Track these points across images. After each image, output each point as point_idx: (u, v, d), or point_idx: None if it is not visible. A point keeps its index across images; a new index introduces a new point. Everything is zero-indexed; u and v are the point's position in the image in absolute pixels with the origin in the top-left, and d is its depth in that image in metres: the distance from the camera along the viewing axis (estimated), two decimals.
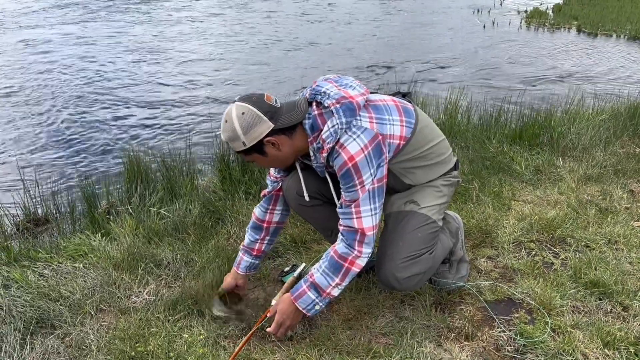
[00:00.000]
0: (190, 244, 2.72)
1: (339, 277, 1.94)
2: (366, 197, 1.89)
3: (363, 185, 1.87)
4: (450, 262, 2.35)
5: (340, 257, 1.93)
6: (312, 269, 2.00)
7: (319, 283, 1.95)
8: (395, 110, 1.99)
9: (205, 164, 4.04)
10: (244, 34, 9.47)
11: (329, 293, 1.96)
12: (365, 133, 1.86)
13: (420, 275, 2.07)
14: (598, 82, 6.90)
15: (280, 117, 1.86)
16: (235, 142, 1.88)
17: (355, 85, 1.96)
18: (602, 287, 2.32)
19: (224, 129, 1.88)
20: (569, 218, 2.89)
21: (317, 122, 1.90)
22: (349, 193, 1.90)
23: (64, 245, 2.80)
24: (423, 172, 2.10)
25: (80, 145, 4.97)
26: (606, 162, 3.54)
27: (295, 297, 1.98)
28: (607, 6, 11.43)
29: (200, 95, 6.41)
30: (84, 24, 10.44)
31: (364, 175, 1.86)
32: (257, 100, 1.86)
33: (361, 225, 1.90)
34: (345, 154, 1.85)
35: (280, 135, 1.89)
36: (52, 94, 6.44)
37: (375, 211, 1.92)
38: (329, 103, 1.87)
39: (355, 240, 1.92)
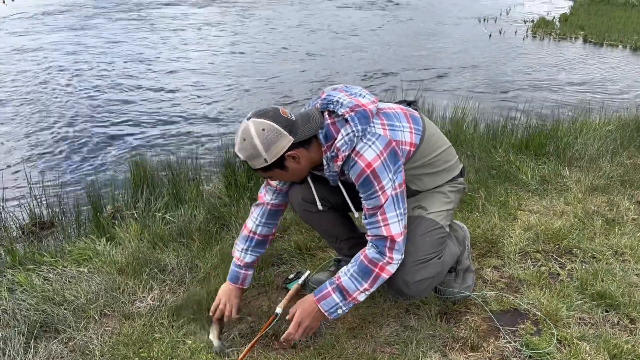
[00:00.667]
0: (194, 249, 2.72)
1: (368, 283, 1.93)
2: (390, 203, 1.88)
3: (384, 190, 1.87)
4: (457, 271, 2.34)
5: (370, 262, 1.92)
6: (340, 272, 1.98)
7: (346, 287, 1.93)
8: (403, 118, 2.00)
9: (211, 170, 4.04)
10: (247, 43, 9.51)
11: (355, 298, 1.94)
12: (379, 139, 1.86)
13: (429, 279, 2.06)
14: (605, 93, 6.89)
15: (298, 130, 1.84)
16: (256, 160, 1.83)
17: (364, 94, 1.97)
18: (609, 299, 2.30)
19: (242, 147, 1.82)
20: (575, 229, 2.87)
21: (331, 131, 1.90)
22: (370, 200, 1.89)
23: (68, 249, 2.80)
24: (430, 178, 2.11)
25: (87, 150, 4.98)
26: (613, 172, 3.53)
27: (318, 298, 1.96)
28: (614, 17, 11.43)
29: (206, 102, 6.43)
30: (89, 31, 10.50)
31: (383, 181, 1.86)
32: (274, 115, 1.82)
33: (390, 232, 1.90)
34: (362, 161, 1.85)
35: (300, 148, 1.87)
36: (60, 100, 6.48)
37: (401, 216, 1.92)
38: (343, 111, 1.87)
39: (385, 247, 1.91)
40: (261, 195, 2.28)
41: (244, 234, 2.27)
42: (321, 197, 2.19)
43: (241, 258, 2.24)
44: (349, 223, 2.40)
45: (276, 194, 2.23)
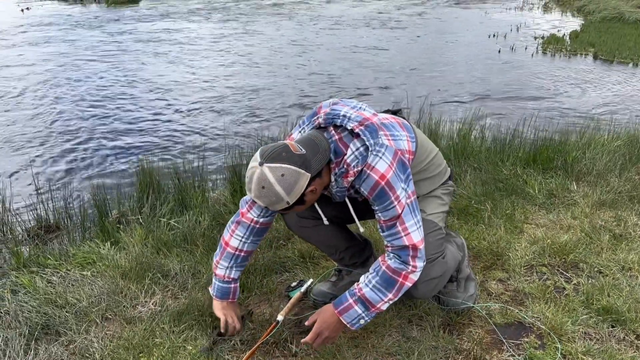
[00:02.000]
0: (198, 255, 2.72)
1: (392, 293, 1.91)
2: (407, 212, 1.88)
3: (399, 200, 1.86)
4: (458, 280, 2.32)
5: (394, 272, 1.90)
6: (359, 283, 1.95)
7: (370, 298, 1.91)
8: (398, 127, 1.99)
9: (217, 177, 4.05)
10: (253, 57, 9.58)
11: (379, 308, 1.93)
12: (388, 150, 1.85)
13: (436, 279, 2.05)
14: (614, 108, 6.86)
15: (311, 163, 1.77)
16: (278, 204, 1.77)
17: (365, 107, 1.97)
18: (615, 314, 2.27)
19: (263, 195, 1.74)
20: (582, 243, 2.85)
21: (340, 147, 1.88)
22: (386, 212, 1.87)
23: (73, 252, 2.82)
24: (426, 183, 2.13)
25: (94, 155, 5.02)
26: (621, 188, 3.49)
27: (339, 311, 1.94)
28: (625, 34, 11.41)
29: (213, 111, 6.47)
30: (99, 41, 10.64)
31: (397, 191, 1.85)
32: (287, 156, 1.73)
33: (411, 240, 1.88)
34: (375, 174, 1.83)
35: (316, 179, 1.83)
36: (68, 106, 6.54)
37: (419, 224, 1.91)
38: (352, 126, 1.85)
39: (409, 256, 1.89)
40: (244, 211, 2.15)
41: (228, 251, 2.17)
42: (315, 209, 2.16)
43: (227, 275, 2.18)
44: (346, 233, 2.37)
45: (264, 211, 2.12)
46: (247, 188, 1.78)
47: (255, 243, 2.21)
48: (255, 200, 1.78)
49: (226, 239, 2.18)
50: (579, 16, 14.73)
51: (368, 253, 2.47)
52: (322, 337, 1.97)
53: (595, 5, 15.02)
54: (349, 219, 2.13)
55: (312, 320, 1.99)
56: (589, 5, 15.26)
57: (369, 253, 2.48)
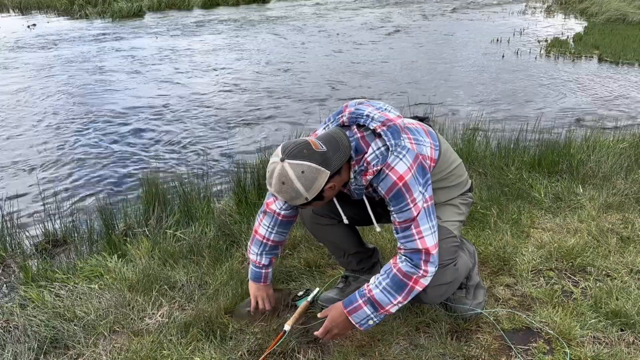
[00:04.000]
0: (204, 266, 2.73)
1: (402, 296, 1.92)
2: (423, 215, 1.89)
3: (415, 203, 1.87)
4: (467, 287, 2.31)
5: (405, 275, 1.91)
6: (369, 284, 1.96)
7: (379, 300, 1.93)
8: (423, 133, 2.01)
9: (222, 188, 4.07)
10: (256, 65, 9.63)
11: (388, 310, 1.94)
12: (409, 153, 1.87)
13: (446, 285, 2.06)
14: (619, 110, 6.82)
15: (332, 160, 1.82)
16: (297, 200, 1.83)
17: (390, 109, 1.99)
18: (624, 318, 2.25)
19: (282, 190, 1.80)
20: (589, 246, 2.83)
21: (361, 145, 1.91)
22: (402, 214, 1.89)
23: (80, 266, 2.83)
24: (444, 192, 2.13)
25: (100, 168, 5.05)
26: (627, 190, 3.47)
27: (349, 311, 1.96)
28: (628, 36, 11.36)
29: (218, 122, 6.50)
30: (97, 50, 10.73)
31: (414, 193, 1.86)
32: (308, 153, 1.78)
33: (425, 245, 1.89)
34: (393, 174, 1.85)
35: (335, 176, 1.87)
36: (73, 120, 6.59)
37: (434, 229, 1.92)
38: (375, 126, 1.89)
39: (421, 260, 1.90)
40: (269, 202, 2.25)
41: (257, 238, 2.30)
42: (331, 209, 2.20)
43: (258, 261, 2.31)
44: (357, 237, 2.40)
45: (286, 204, 2.21)
46: (268, 183, 1.83)
47: (281, 234, 2.29)
48: (275, 195, 1.84)
49: (256, 226, 2.32)
50: (582, 18, 14.69)
51: (375, 259, 2.49)
52: (331, 333, 2.01)
53: (598, 7, 14.99)
54: (366, 220, 2.14)
55: (323, 314, 2.04)
56: (592, 8, 15.22)
57: (375, 260, 2.50)
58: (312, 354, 2.14)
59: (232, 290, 2.48)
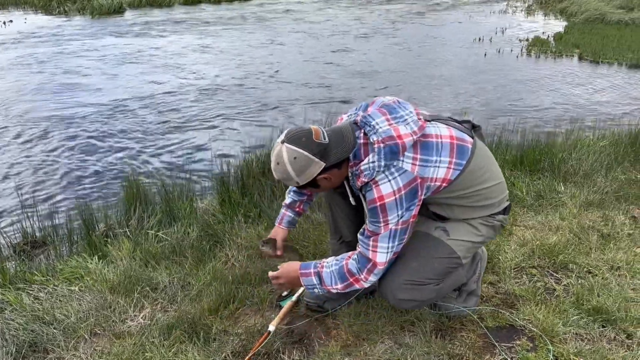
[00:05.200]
0: (187, 267, 2.70)
1: (341, 286, 2.02)
2: (386, 235, 1.91)
3: (387, 224, 1.90)
4: (461, 291, 2.32)
5: (349, 271, 2.00)
6: (325, 261, 2.07)
7: (324, 278, 2.04)
8: (447, 150, 1.93)
9: (205, 187, 4.03)
10: (240, 66, 9.58)
11: (329, 289, 2.05)
12: (403, 176, 1.85)
13: (418, 302, 2.07)
14: (599, 109, 6.92)
15: (330, 154, 1.86)
16: (289, 182, 1.94)
17: (410, 121, 1.90)
18: (606, 314, 2.28)
19: (276, 169, 1.91)
20: (570, 244, 2.86)
21: (360, 152, 1.91)
22: (372, 225, 1.93)
23: (60, 267, 2.78)
24: (462, 210, 2.06)
25: (80, 168, 4.97)
26: (608, 188, 3.52)
27: (302, 272, 2.08)
28: (607, 35, 11.53)
29: (199, 120, 6.45)
30: (80, 54, 10.58)
31: (389, 216, 1.88)
32: (306, 142, 1.84)
33: (375, 258, 1.95)
34: (376, 192, 1.86)
35: (332, 170, 1.90)
36: (52, 117, 6.49)
37: (391, 249, 1.95)
38: (374, 140, 1.85)
39: (365, 267, 1.97)
40: None
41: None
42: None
43: (285, 200, 2.44)
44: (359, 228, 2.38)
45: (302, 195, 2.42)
46: (271, 160, 1.95)
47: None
48: (273, 172, 1.96)
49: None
50: (561, 18, 14.88)
51: None
52: (278, 282, 2.17)
53: (577, 7, 15.20)
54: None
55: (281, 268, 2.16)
56: (571, 7, 15.43)
57: None
58: (296, 355, 2.13)
59: (215, 291, 2.46)
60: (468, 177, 1.97)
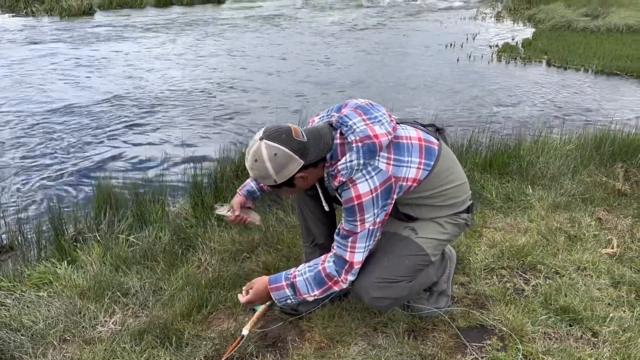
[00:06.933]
0: (159, 271, 2.67)
1: (319, 291, 2.04)
2: (364, 235, 1.94)
3: (363, 222, 1.92)
4: (432, 291, 2.35)
5: (327, 276, 2.01)
6: (297, 270, 2.07)
7: (299, 287, 2.04)
8: (417, 152, 1.99)
9: (177, 190, 3.98)
10: (212, 71, 9.53)
11: (305, 297, 2.06)
12: (379, 175, 1.88)
13: (391, 300, 2.08)
14: (565, 113, 7.10)
15: (309, 152, 1.87)
16: (266, 180, 1.91)
17: (384, 121, 1.94)
18: (573, 313, 2.34)
19: (254, 167, 1.89)
20: (539, 245, 2.92)
21: (337, 152, 1.93)
22: (348, 224, 1.95)
23: (28, 273, 2.72)
24: (430, 210, 2.11)
25: (48, 171, 4.87)
26: (574, 190, 3.61)
27: (272, 288, 2.07)
28: (574, 42, 11.83)
29: (171, 124, 6.39)
30: (48, 55, 10.38)
31: (366, 214, 1.91)
32: (286, 138, 1.84)
33: (352, 259, 1.97)
34: (354, 191, 1.88)
35: (309, 168, 1.91)
36: (20, 119, 6.34)
37: (367, 248, 1.99)
38: (352, 139, 1.88)
39: (343, 269, 1.99)
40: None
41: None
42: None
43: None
44: (331, 229, 2.39)
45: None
46: (246, 157, 1.93)
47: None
48: (249, 171, 1.93)
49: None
50: (529, 25, 15.21)
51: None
52: (253, 304, 2.18)
53: (544, 14, 15.56)
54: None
55: (248, 287, 2.15)
56: (539, 14, 15.79)
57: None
58: (270, 358, 2.13)
59: (188, 296, 2.44)
60: (435, 177, 2.04)
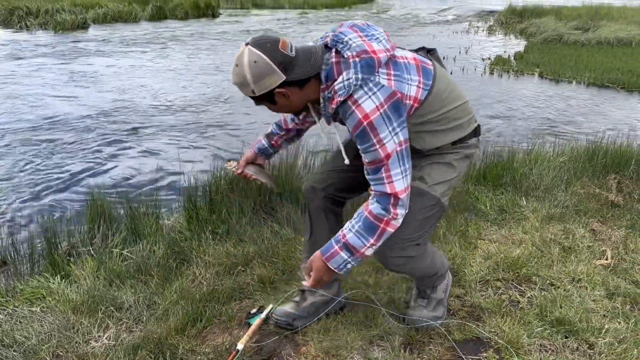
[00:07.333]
0: (153, 285, 2.65)
1: (374, 238, 1.90)
2: (394, 160, 1.82)
3: (383, 144, 1.80)
4: (430, 298, 2.34)
5: (375, 218, 1.88)
6: (343, 230, 1.94)
7: (353, 244, 1.91)
8: (414, 70, 1.92)
9: (172, 204, 3.98)
10: (202, 86, 9.56)
11: (363, 253, 1.92)
12: (382, 90, 1.79)
13: (405, 258, 2.05)
14: (558, 125, 7.15)
15: (294, 68, 1.81)
16: (245, 89, 1.86)
17: (381, 39, 1.87)
18: (568, 325, 2.34)
19: (234, 72, 1.83)
20: (533, 257, 2.93)
21: (333, 72, 1.84)
22: (368, 154, 1.84)
23: (20, 288, 2.70)
24: (433, 136, 2.01)
25: (42, 185, 4.85)
26: (568, 202, 3.63)
27: (326, 257, 1.95)
28: (565, 55, 11.97)
29: (166, 137, 6.39)
30: (41, 69, 10.39)
31: (381, 134, 1.79)
32: (271, 48, 1.78)
33: (394, 189, 1.84)
34: (359, 112, 1.78)
35: (292, 87, 1.85)
36: (9, 135, 6.32)
37: (405, 173, 1.86)
38: (348, 55, 1.80)
39: (389, 204, 1.86)
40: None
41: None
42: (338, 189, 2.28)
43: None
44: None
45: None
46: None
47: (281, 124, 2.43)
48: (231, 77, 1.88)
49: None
50: (521, 38, 15.40)
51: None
52: (322, 282, 2.03)
53: (536, 27, 15.76)
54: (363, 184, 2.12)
55: (307, 268, 2.03)
56: (530, 28, 16.00)
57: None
58: None
59: (182, 310, 2.42)
60: (435, 98, 1.95)
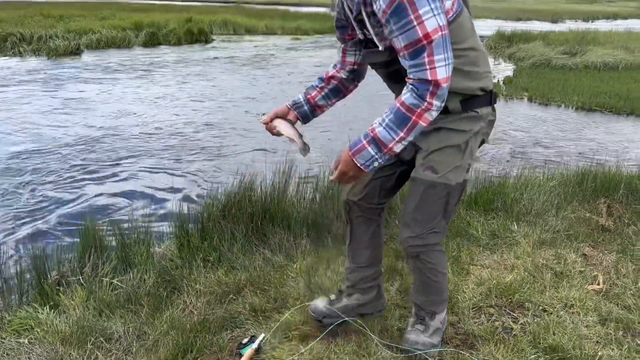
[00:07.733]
0: (143, 315, 2.62)
1: (404, 131, 1.79)
2: (438, 43, 1.69)
3: (422, 22, 1.66)
4: (428, 325, 2.32)
5: (408, 108, 1.76)
6: (374, 124, 1.85)
7: (382, 138, 1.81)
8: None
9: (163, 231, 3.95)
10: (196, 112, 9.60)
11: (391, 148, 1.83)
12: None
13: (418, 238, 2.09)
14: (548, 149, 7.22)
15: None
16: None
17: None
18: (561, 352, 2.32)
19: None
20: (526, 282, 2.93)
21: None
22: (404, 34, 1.69)
23: (8, 319, 2.65)
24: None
25: (31, 213, 4.81)
26: (559, 226, 3.65)
27: (353, 152, 1.87)
28: (553, 79, 12.14)
29: (157, 165, 6.38)
30: (32, 95, 10.40)
31: (420, 9, 1.65)
32: None
33: (435, 76, 1.71)
34: None
35: None
36: (0, 160, 6.30)
37: (448, 60, 1.73)
38: None
39: (427, 91, 1.73)
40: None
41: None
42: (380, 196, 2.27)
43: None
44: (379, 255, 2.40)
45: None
46: None
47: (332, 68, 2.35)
48: None
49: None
50: (510, 62, 15.62)
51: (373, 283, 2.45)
52: (346, 176, 1.94)
53: (524, 52, 16.02)
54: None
55: (335, 165, 1.96)
56: (519, 53, 16.25)
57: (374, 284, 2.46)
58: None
59: (172, 341, 2.39)
60: (461, 28, 1.87)
